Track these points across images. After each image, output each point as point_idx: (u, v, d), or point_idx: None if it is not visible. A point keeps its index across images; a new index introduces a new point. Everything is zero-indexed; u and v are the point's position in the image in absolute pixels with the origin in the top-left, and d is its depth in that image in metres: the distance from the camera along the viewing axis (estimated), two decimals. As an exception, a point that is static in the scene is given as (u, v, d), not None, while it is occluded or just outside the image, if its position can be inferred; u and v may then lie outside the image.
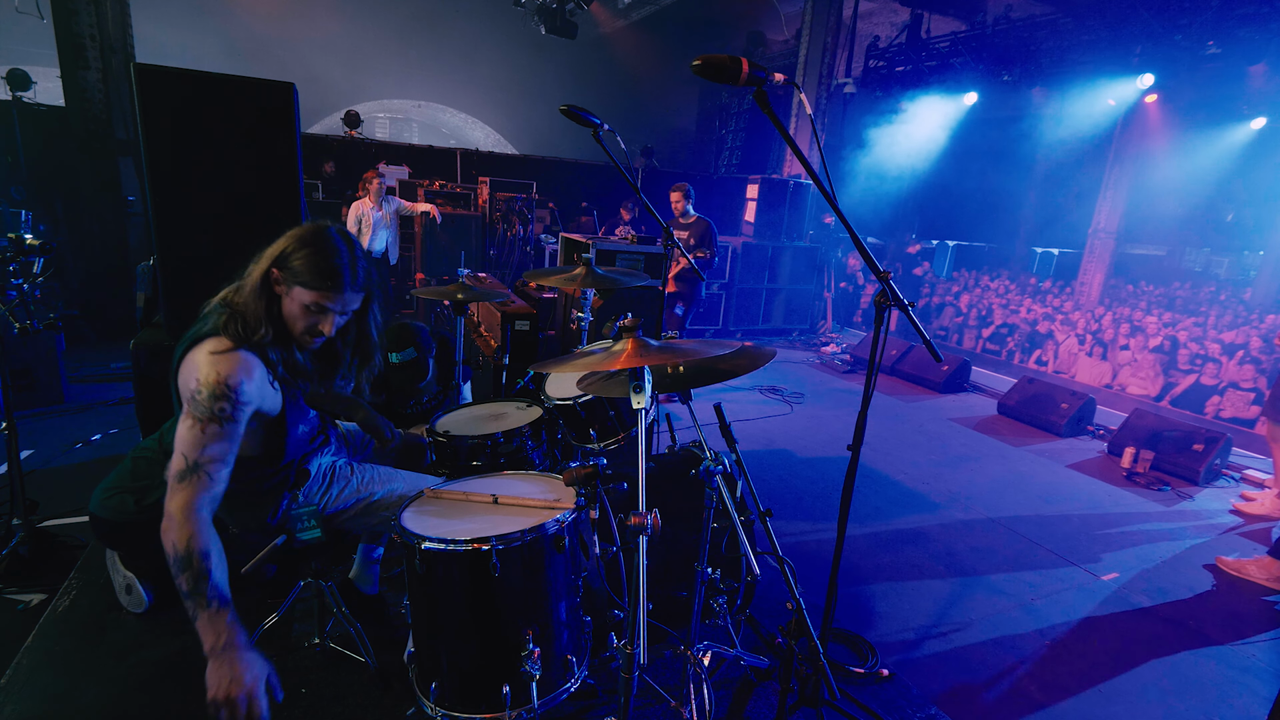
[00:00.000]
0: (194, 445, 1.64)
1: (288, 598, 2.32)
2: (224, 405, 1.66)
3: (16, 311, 2.95)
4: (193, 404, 1.66)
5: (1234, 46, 7.89)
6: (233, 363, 1.69)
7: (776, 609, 2.86)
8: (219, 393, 1.66)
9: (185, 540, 1.57)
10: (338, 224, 1.84)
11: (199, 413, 1.65)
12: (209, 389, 1.66)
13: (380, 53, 15.72)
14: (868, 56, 12.12)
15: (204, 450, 1.65)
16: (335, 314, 1.79)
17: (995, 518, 4.13)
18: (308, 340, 1.82)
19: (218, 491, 1.67)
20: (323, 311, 1.77)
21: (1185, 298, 11.66)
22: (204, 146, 2.99)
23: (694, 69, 1.65)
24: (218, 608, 1.55)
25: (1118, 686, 2.68)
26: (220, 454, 1.67)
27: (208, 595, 1.55)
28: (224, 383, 1.66)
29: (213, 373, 1.67)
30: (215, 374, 1.67)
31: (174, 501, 1.62)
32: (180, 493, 1.62)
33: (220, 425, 1.66)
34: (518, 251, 8.38)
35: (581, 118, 2.56)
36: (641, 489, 1.54)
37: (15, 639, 2.40)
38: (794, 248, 9.21)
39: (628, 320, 1.68)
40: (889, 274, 1.78)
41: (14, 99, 6.74)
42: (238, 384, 1.68)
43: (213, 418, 1.65)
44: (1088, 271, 11.72)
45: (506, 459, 2.44)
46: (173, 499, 1.62)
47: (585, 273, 2.84)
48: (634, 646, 1.50)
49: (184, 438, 1.65)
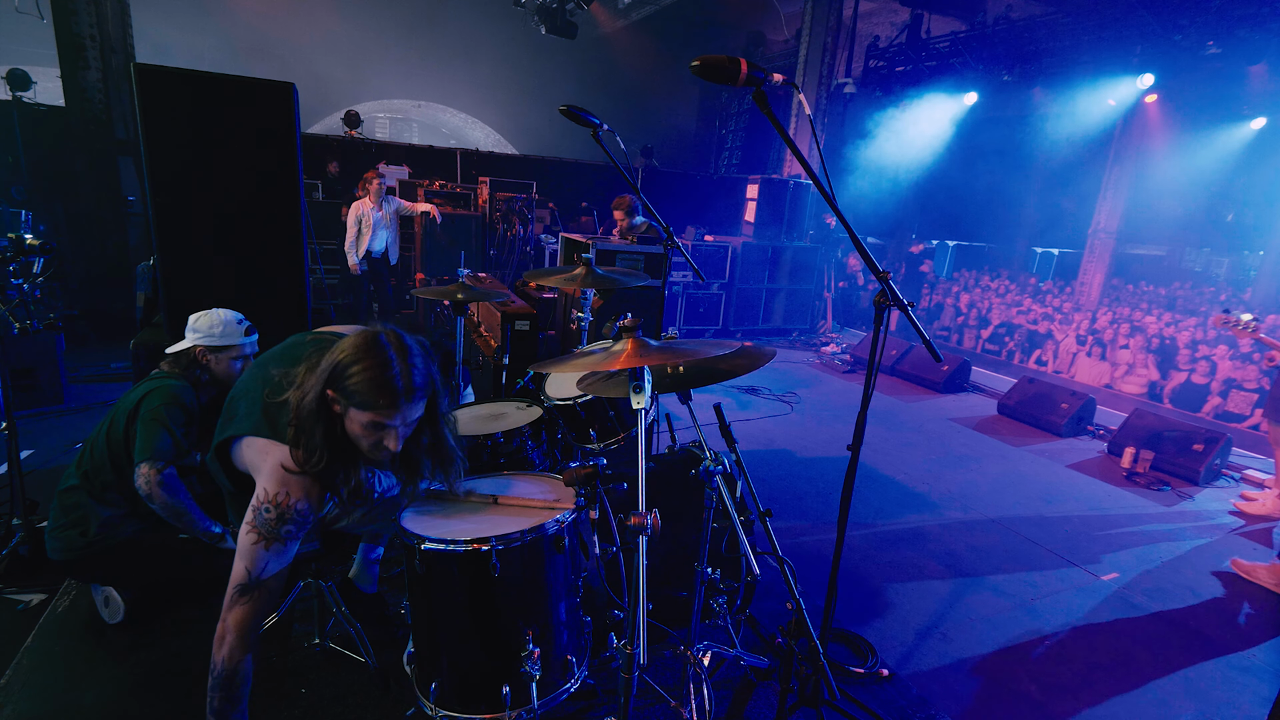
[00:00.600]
0: (257, 561, 1.64)
1: (288, 598, 2.32)
2: (291, 529, 1.66)
3: (17, 311, 2.95)
4: (258, 518, 1.64)
5: (1234, 46, 7.89)
6: (302, 489, 1.66)
7: (776, 609, 2.86)
8: (288, 517, 1.65)
9: (234, 662, 1.62)
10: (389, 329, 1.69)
11: (265, 531, 1.64)
12: (278, 511, 1.64)
13: (380, 52, 15.72)
14: (868, 56, 12.12)
15: (267, 566, 1.65)
16: (397, 429, 1.66)
17: (995, 518, 4.12)
18: (377, 456, 1.71)
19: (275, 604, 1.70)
20: (383, 429, 1.65)
21: (1185, 298, 11.67)
22: (204, 146, 2.99)
23: (693, 69, 1.65)
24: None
25: (1117, 687, 2.68)
26: (281, 566, 1.68)
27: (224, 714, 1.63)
28: (293, 508, 1.65)
29: (284, 494, 1.65)
30: (286, 496, 1.65)
31: (233, 615, 1.63)
32: (240, 607, 1.63)
33: (284, 544, 1.66)
34: (518, 251, 8.38)
35: (581, 118, 2.56)
36: (641, 489, 1.54)
37: (15, 639, 2.40)
38: (794, 248, 9.21)
39: (628, 320, 1.69)
40: (888, 274, 1.78)
41: (14, 99, 6.74)
42: (305, 510, 1.67)
43: (277, 536, 1.65)
44: (1088, 271, 11.73)
45: (506, 459, 2.44)
46: (231, 611, 1.63)
47: (585, 273, 2.84)
48: (634, 646, 1.50)
49: (247, 550, 1.64)
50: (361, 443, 1.68)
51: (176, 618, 2.53)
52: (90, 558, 2.33)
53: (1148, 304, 11.00)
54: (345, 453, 1.70)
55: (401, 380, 1.61)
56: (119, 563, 2.38)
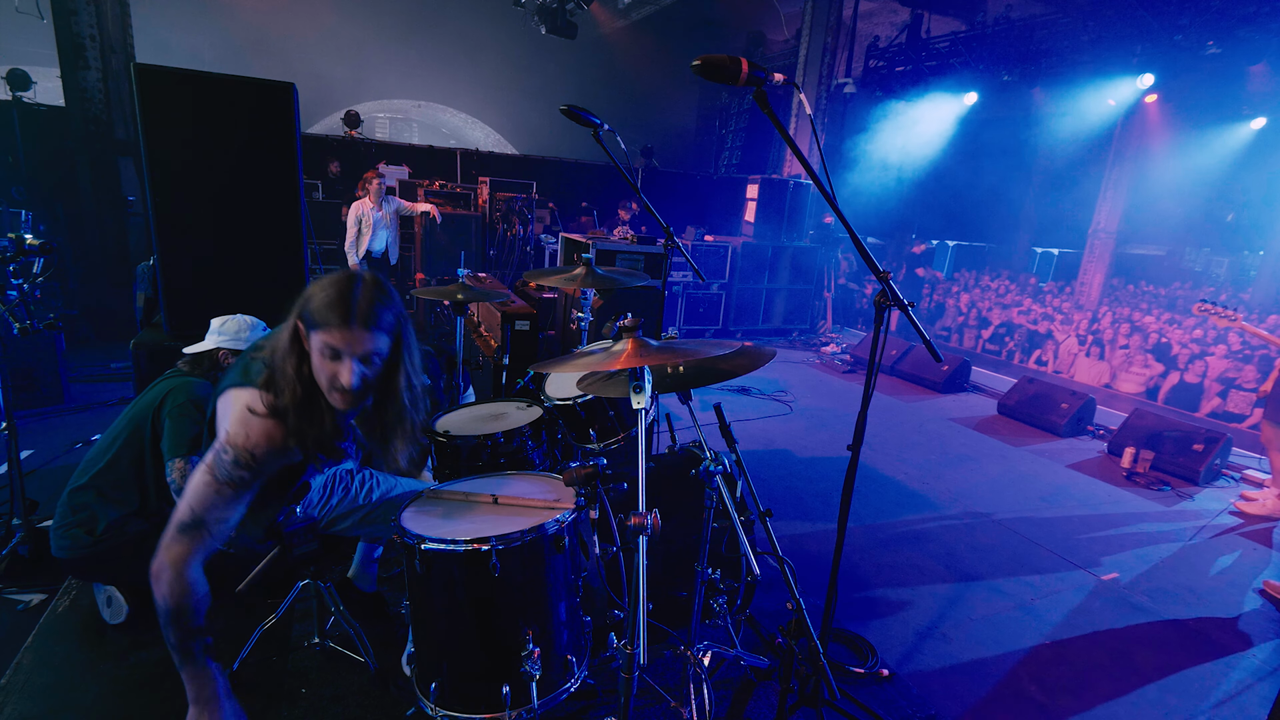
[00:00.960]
0: (204, 502, 1.60)
1: (287, 598, 2.32)
2: (244, 474, 1.61)
3: (16, 311, 2.95)
4: (215, 459, 1.61)
5: (1234, 46, 7.89)
6: (263, 432, 1.62)
7: (776, 609, 2.86)
8: (243, 460, 1.60)
9: (177, 597, 1.57)
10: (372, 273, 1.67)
11: (219, 473, 1.60)
12: (234, 452, 1.60)
13: (380, 52, 15.71)
14: (868, 56, 12.12)
15: (212, 510, 1.60)
16: (349, 359, 1.59)
17: (995, 518, 4.12)
18: (336, 399, 1.65)
19: (215, 546, 1.65)
20: (335, 356, 1.59)
21: (1185, 298, 11.66)
22: (204, 146, 2.99)
23: (694, 69, 1.65)
24: (201, 662, 1.62)
25: (1117, 686, 2.68)
26: (228, 515, 1.63)
27: (194, 650, 1.61)
28: (249, 450, 1.61)
29: (242, 435, 1.61)
30: (245, 438, 1.61)
31: (170, 553, 1.58)
32: (178, 545, 1.59)
33: (235, 490, 1.61)
34: (518, 251, 8.38)
35: (581, 118, 2.56)
36: (641, 489, 1.54)
37: (15, 639, 2.40)
38: (794, 248, 9.21)
39: (628, 320, 1.68)
40: (889, 274, 1.78)
41: (14, 99, 6.74)
42: (263, 455, 1.62)
43: (230, 482, 1.60)
44: (1088, 271, 11.73)
45: (506, 459, 2.44)
46: (170, 550, 1.58)
47: (585, 273, 2.84)
48: (634, 646, 1.50)
49: (196, 490, 1.60)
50: (321, 379, 1.62)
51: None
52: (95, 556, 2.34)
53: (1147, 304, 11.00)
54: (311, 396, 1.65)
55: (359, 304, 1.57)
56: (124, 562, 2.38)
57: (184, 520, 1.59)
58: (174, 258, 3.05)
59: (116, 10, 6.98)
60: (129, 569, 2.42)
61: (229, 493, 1.60)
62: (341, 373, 1.60)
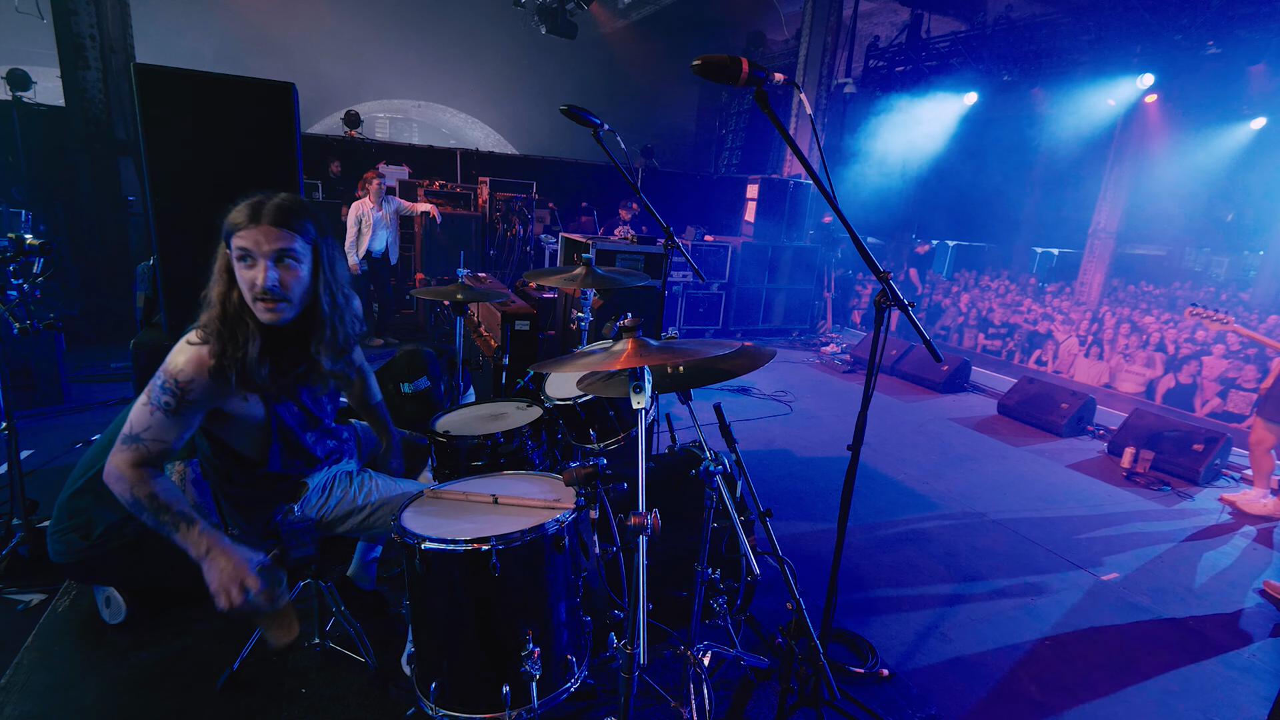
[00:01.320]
0: (140, 422, 1.69)
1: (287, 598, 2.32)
2: (169, 400, 1.67)
3: (16, 311, 2.95)
4: (151, 386, 1.70)
5: (1234, 46, 7.89)
6: (192, 358, 1.68)
7: (776, 609, 2.86)
8: (168, 386, 1.68)
9: (132, 488, 1.66)
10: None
11: (152, 396, 1.69)
12: (164, 377, 1.69)
13: (380, 52, 15.72)
14: (868, 56, 12.13)
15: (147, 430, 1.68)
16: (262, 260, 1.64)
17: (995, 518, 4.12)
18: (260, 310, 1.68)
19: (159, 463, 1.72)
20: (248, 258, 1.64)
21: (1185, 298, 11.66)
22: (204, 146, 2.98)
23: (694, 69, 1.65)
24: (188, 524, 1.68)
25: (1117, 686, 2.68)
26: (161, 437, 1.69)
27: (177, 518, 1.67)
28: (174, 377, 1.68)
29: (175, 363, 1.69)
30: (176, 366, 1.69)
31: (116, 458, 1.68)
32: (120, 454, 1.68)
33: (165, 415, 1.68)
34: (518, 251, 8.38)
35: (581, 118, 2.56)
36: (641, 489, 1.54)
37: (15, 639, 2.40)
38: (794, 248, 9.21)
39: (628, 320, 1.68)
40: (889, 274, 1.77)
41: (14, 99, 6.74)
42: (187, 381, 1.67)
43: (159, 407, 1.68)
44: (1088, 271, 11.73)
45: (506, 459, 2.44)
46: (116, 456, 1.68)
47: (585, 273, 2.84)
48: (634, 646, 1.50)
49: (136, 410, 1.70)
50: (245, 291, 1.67)
51: (176, 618, 2.53)
52: (91, 561, 2.33)
53: (1147, 304, 11.00)
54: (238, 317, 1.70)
55: (267, 206, 1.66)
56: (119, 565, 2.38)
57: (125, 434, 1.69)
58: (174, 258, 3.04)
59: (116, 10, 6.99)
60: (127, 570, 2.42)
61: (160, 416, 1.67)
62: (257, 275, 1.65)
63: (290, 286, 1.69)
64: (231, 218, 1.67)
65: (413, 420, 2.92)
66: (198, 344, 1.69)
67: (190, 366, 1.67)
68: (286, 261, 1.68)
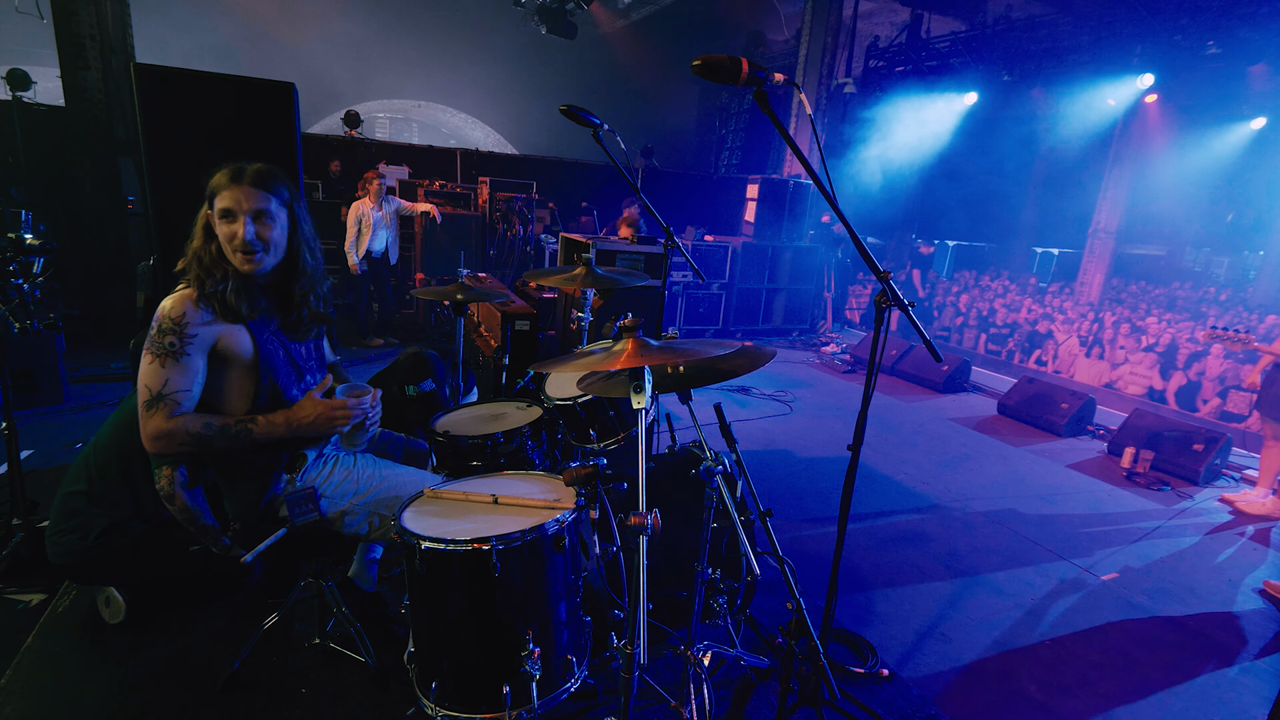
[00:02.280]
0: (155, 378, 1.79)
1: (288, 598, 2.32)
2: (172, 340, 1.79)
3: (17, 311, 2.95)
4: (150, 341, 1.80)
5: (1234, 46, 7.90)
6: (176, 300, 1.82)
7: (776, 609, 2.86)
8: (166, 327, 1.79)
9: (184, 436, 1.79)
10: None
11: (154, 348, 1.79)
12: (158, 324, 1.80)
13: (380, 52, 15.73)
14: (868, 56, 12.13)
15: (166, 382, 1.78)
16: (242, 216, 1.83)
17: (995, 518, 4.12)
18: (239, 260, 1.86)
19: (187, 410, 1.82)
20: (229, 215, 1.84)
21: (1185, 298, 11.67)
22: (204, 146, 2.99)
23: (694, 69, 1.65)
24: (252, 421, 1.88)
25: (1117, 686, 2.68)
26: (179, 386, 1.80)
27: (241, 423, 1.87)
28: (168, 318, 1.79)
29: (163, 309, 1.81)
30: (164, 311, 1.81)
31: (149, 427, 1.78)
32: (152, 419, 1.78)
33: (175, 359, 1.79)
34: (518, 251, 8.38)
35: (581, 118, 2.56)
36: (641, 489, 1.54)
37: (15, 639, 2.40)
38: (794, 248, 9.21)
39: (628, 320, 1.68)
40: (889, 274, 1.77)
41: (14, 99, 6.74)
42: (180, 316, 1.79)
43: (165, 351, 1.78)
44: (1088, 271, 11.73)
45: (506, 459, 2.44)
46: (146, 426, 1.79)
47: (585, 273, 2.84)
48: (634, 646, 1.50)
49: (145, 373, 1.79)
50: (225, 245, 1.85)
51: (177, 618, 2.53)
52: (89, 561, 2.33)
53: (1146, 304, 11.00)
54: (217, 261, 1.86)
55: (247, 170, 1.86)
56: (118, 565, 2.38)
57: (145, 400, 1.79)
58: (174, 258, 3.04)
59: (116, 10, 6.98)
60: (127, 570, 2.42)
61: (170, 363, 1.79)
62: (237, 230, 1.84)
63: (267, 240, 1.89)
64: (215, 180, 1.86)
65: (417, 423, 2.92)
66: (182, 288, 1.85)
67: (179, 305, 1.81)
68: (264, 219, 1.87)
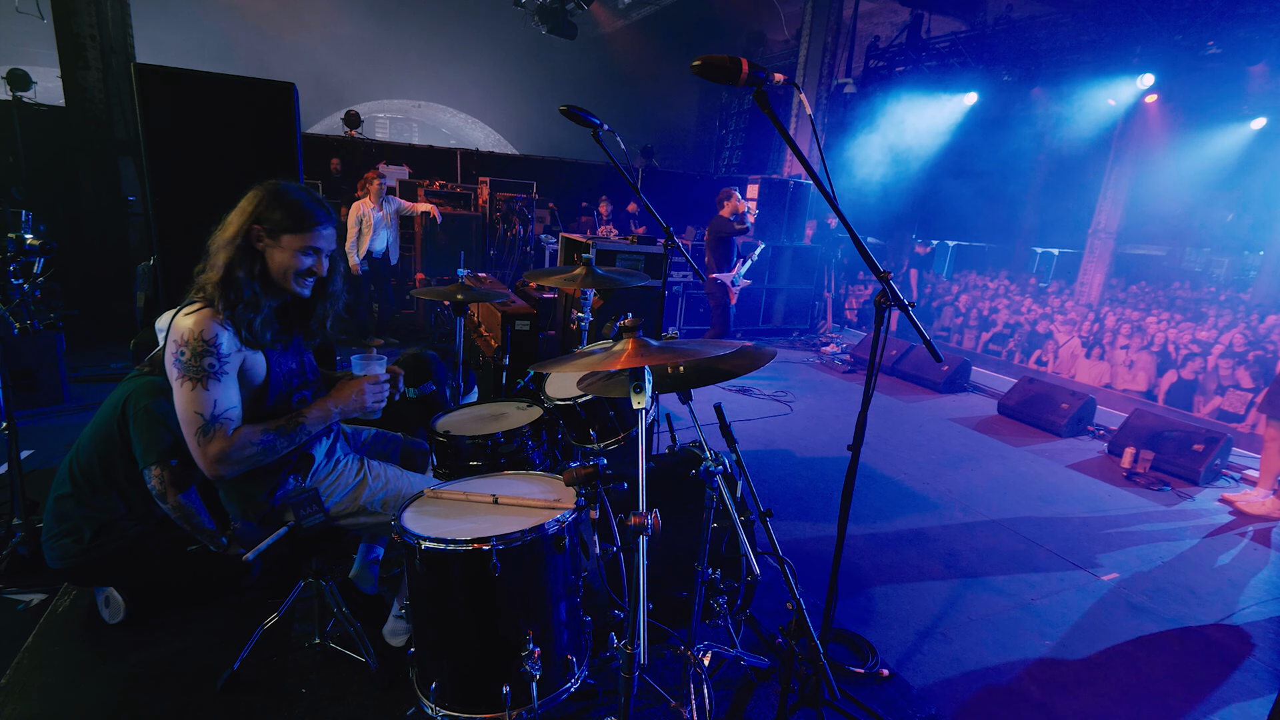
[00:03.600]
0: (203, 403, 1.77)
1: (288, 598, 2.32)
2: (211, 361, 1.77)
3: (17, 311, 2.95)
4: (183, 368, 1.76)
5: (1234, 46, 7.90)
6: (204, 319, 1.78)
7: (777, 609, 2.86)
8: (200, 350, 1.76)
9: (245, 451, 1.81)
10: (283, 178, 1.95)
11: (192, 373, 1.76)
12: (190, 348, 1.76)
13: (380, 53, 15.73)
14: (868, 56, 12.13)
15: (214, 403, 1.78)
16: (325, 253, 1.93)
17: (995, 518, 4.12)
18: (301, 284, 1.92)
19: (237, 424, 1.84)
20: (314, 252, 1.91)
21: (1185, 298, 11.66)
22: (204, 146, 2.99)
23: (694, 69, 1.65)
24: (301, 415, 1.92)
25: (1117, 686, 2.68)
26: (230, 402, 1.81)
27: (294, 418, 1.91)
28: (201, 339, 1.76)
29: (188, 331, 1.77)
30: (190, 332, 1.76)
31: (211, 452, 1.78)
32: (212, 443, 1.78)
33: (217, 379, 1.78)
34: (518, 251, 8.38)
35: (581, 118, 2.56)
36: (641, 489, 1.53)
37: (15, 639, 2.40)
38: (794, 248, 9.21)
39: (628, 320, 1.68)
40: (889, 274, 1.77)
41: (14, 99, 6.74)
42: (213, 337, 1.77)
43: (205, 374, 1.76)
44: (1088, 271, 11.73)
45: (506, 459, 2.44)
46: (208, 452, 1.78)
47: (585, 273, 2.84)
48: (634, 646, 1.50)
49: (190, 400, 1.77)
50: (289, 272, 1.89)
51: (177, 618, 2.53)
52: (88, 564, 2.31)
53: (1146, 304, 11.00)
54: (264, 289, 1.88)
55: (323, 207, 1.93)
56: (117, 566, 2.37)
57: (198, 429, 1.77)
58: (174, 258, 3.04)
59: (116, 10, 6.98)
60: (123, 572, 2.40)
61: (213, 384, 1.77)
62: (318, 266, 1.93)
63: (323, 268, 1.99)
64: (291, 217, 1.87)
65: (417, 423, 2.92)
66: (200, 307, 1.80)
67: (205, 325, 1.77)
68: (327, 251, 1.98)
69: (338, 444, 2.24)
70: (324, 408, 1.96)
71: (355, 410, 2.00)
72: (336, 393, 1.99)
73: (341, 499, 2.12)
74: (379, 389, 2.05)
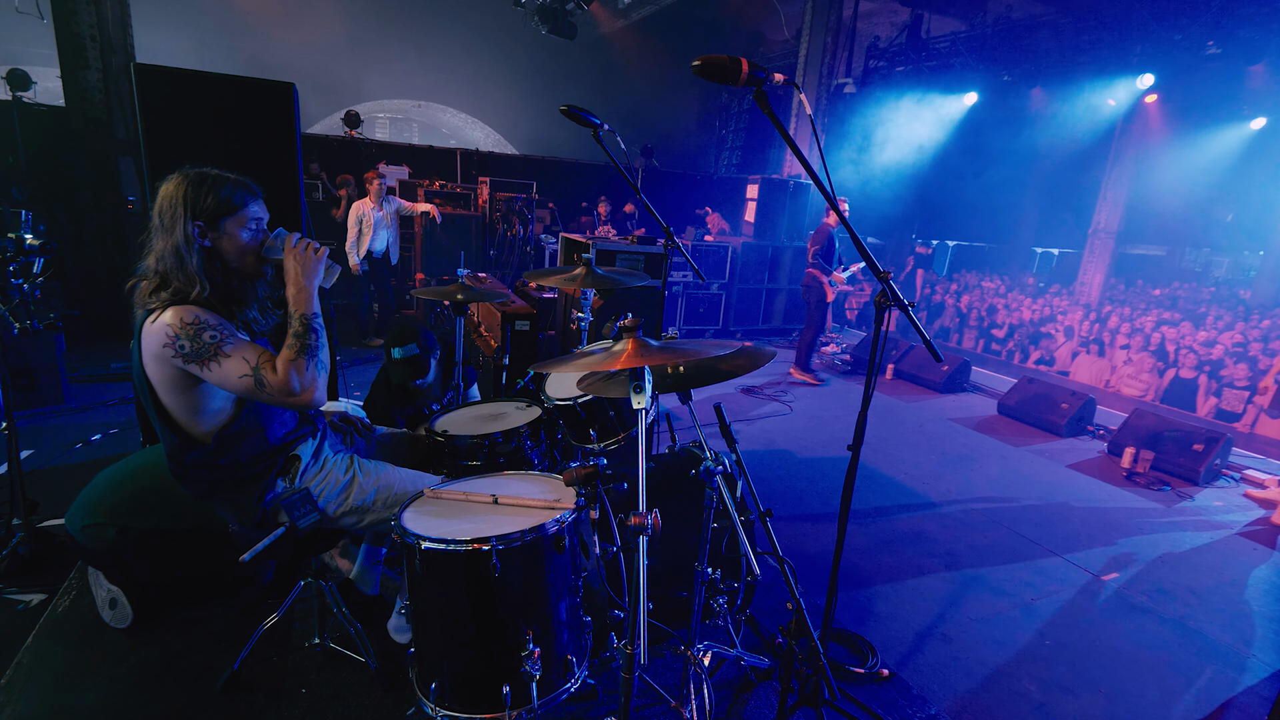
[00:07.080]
0: (234, 368, 1.73)
1: (288, 598, 2.32)
2: (212, 333, 1.73)
3: (17, 311, 2.95)
4: (191, 355, 1.72)
5: (1234, 46, 7.89)
6: (178, 309, 1.74)
7: (776, 609, 2.86)
8: (193, 331, 1.72)
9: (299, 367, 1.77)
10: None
11: (204, 353, 1.72)
12: (186, 332, 1.71)
13: (380, 53, 15.72)
14: (868, 56, 12.13)
15: (245, 358, 1.74)
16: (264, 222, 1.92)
17: (995, 518, 4.12)
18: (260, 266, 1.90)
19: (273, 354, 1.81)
20: (259, 220, 1.90)
21: (1185, 298, 11.67)
22: (204, 147, 2.99)
23: (694, 69, 1.65)
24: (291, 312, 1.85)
25: (1117, 687, 2.68)
26: (256, 353, 1.77)
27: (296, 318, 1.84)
28: (184, 322, 1.72)
29: (177, 321, 1.71)
30: (180, 320, 1.71)
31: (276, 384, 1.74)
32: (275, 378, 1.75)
33: (232, 339, 1.76)
34: (518, 251, 8.38)
35: (581, 118, 2.56)
36: (641, 489, 1.54)
37: (15, 639, 2.40)
38: (794, 248, 9.21)
39: (628, 320, 1.68)
40: (889, 274, 1.78)
41: (14, 99, 6.73)
42: (195, 318, 1.73)
43: (214, 345, 1.73)
44: (1088, 271, 11.73)
45: (506, 459, 2.44)
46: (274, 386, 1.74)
47: (585, 273, 2.84)
48: (634, 646, 1.50)
49: (224, 375, 1.73)
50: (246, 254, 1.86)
51: (178, 618, 2.53)
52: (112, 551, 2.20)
53: (1145, 304, 11.00)
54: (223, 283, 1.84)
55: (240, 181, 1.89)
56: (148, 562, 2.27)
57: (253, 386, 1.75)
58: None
59: (116, 10, 6.98)
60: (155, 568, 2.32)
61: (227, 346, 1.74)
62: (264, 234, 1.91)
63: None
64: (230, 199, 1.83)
65: (399, 384, 2.93)
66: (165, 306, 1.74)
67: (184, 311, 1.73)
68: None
69: (324, 443, 2.21)
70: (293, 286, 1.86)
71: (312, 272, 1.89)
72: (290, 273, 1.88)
73: (334, 498, 2.10)
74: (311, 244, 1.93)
